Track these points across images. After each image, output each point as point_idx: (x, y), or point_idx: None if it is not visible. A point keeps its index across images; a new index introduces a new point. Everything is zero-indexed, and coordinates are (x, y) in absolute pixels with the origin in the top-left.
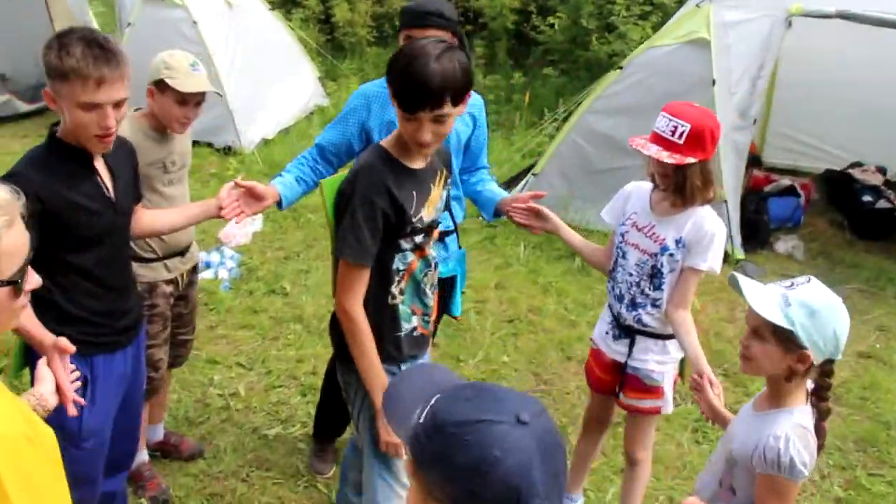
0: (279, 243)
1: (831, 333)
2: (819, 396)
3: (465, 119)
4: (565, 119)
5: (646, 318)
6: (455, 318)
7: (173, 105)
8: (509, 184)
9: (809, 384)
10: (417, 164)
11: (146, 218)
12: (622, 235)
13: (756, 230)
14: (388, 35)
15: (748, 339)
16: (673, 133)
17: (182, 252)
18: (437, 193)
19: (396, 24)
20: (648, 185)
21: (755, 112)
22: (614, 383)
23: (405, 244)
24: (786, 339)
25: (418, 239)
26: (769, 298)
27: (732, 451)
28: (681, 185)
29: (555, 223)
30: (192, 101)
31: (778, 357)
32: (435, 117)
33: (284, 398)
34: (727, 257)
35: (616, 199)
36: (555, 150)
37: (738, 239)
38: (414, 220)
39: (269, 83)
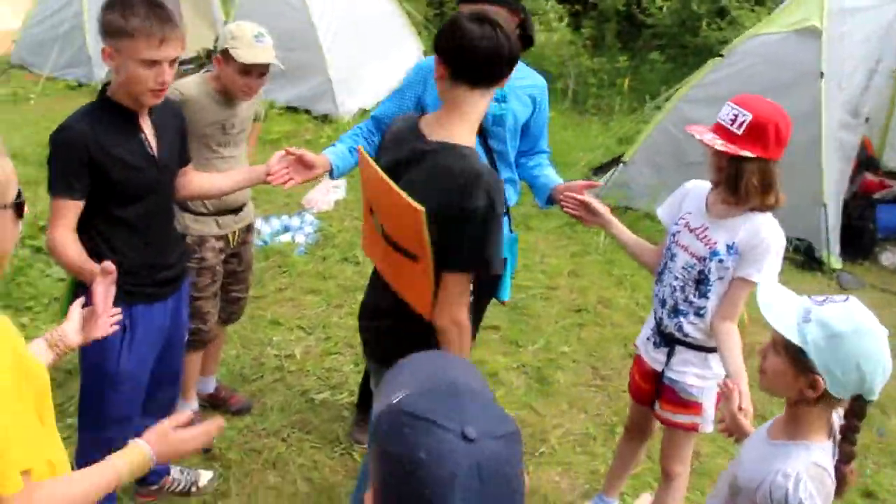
0: (359, 212)
1: (853, 366)
2: (844, 436)
3: (523, 100)
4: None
5: (687, 328)
6: (502, 302)
7: (236, 75)
8: (598, 170)
9: (838, 419)
10: None
11: (195, 181)
12: (673, 236)
13: (859, 238)
14: None
15: (766, 350)
16: (733, 122)
17: (235, 210)
18: None
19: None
20: (709, 184)
21: (868, 110)
22: (653, 393)
23: None
24: (798, 358)
25: None
26: (789, 309)
27: (738, 478)
28: (733, 180)
29: (605, 218)
30: (255, 71)
31: (790, 376)
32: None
33: (337, 365)
34: (822, 266)
35: (674, 196)
36: (646, 139)
37: (836, 246)
38: None
39: (371, 55)
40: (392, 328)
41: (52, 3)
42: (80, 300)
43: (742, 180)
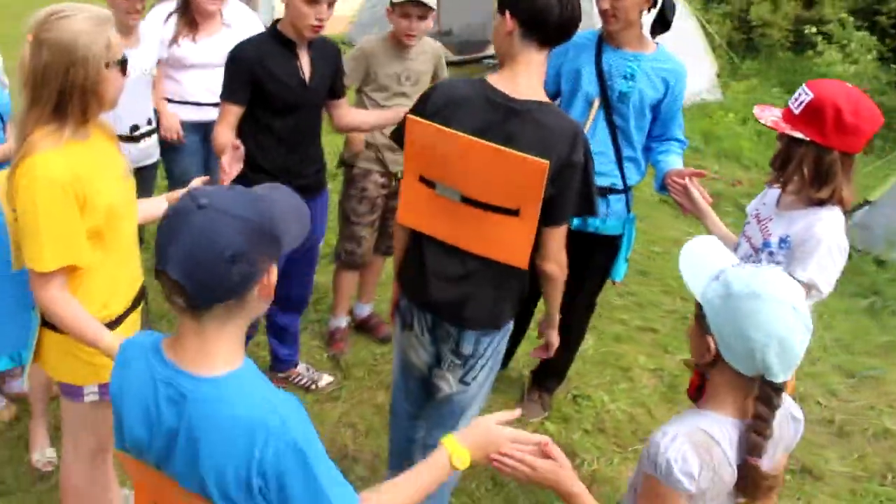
0: None
1: (740, 331)
2: (752, 424)
3: (654, 81)
4: None
5: None
6: (615, 283)
7: (397, 18)
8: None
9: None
10: None
11: (347, 114)
12: (745, 225)
13: None
14: (807, 41)
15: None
16: (795, 101)
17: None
18: None
19: (821, 30)
20: None
21: None
22: (700, 389)
23: None
24: (701, 315)
25: None
26: (710, 267)
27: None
28: (782, 161)
29: (700, 207)
30: (414, 14)
31: (696, 337)
32: None
33: None
34: None
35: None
36: None
37: None
38: None
39: None
40: (482, 288)
41: None
42: (205, 178)
43: (790, 164)
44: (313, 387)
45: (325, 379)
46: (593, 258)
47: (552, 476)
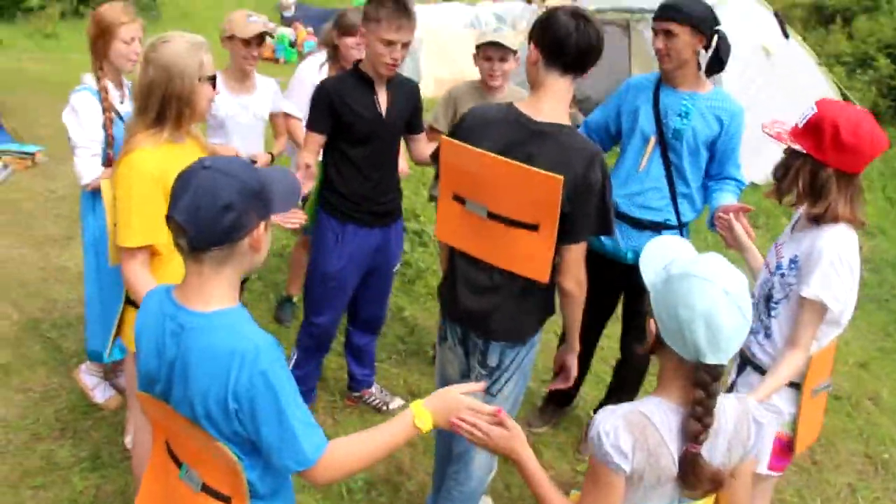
0: None
1: (673, 311)
2: (692, 409)
3: (708, 119)
4: None
5: (755, 348)
6: None
7: (482, 61)
8: None
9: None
10: None
11: (422, 148)
12: (769, 252)
13: None
14: None
15: None
16: (802, 116)
17: None
18: None
19: None
20: None
21: None
22: None
23: None
24: (649, 303)
25: None
26: (663, 259)
27: None
28: (781, 173)
29: (741, 242)
30: (496, 56)
31: (648, 324)
32: None
33: None
34: None
35: None
36: None
37: None
38: None
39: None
40: (507, 301)
41: None
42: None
43: (787, 174)
44: (384, 408)
45: (397, 402)
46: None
47: (505, 443)
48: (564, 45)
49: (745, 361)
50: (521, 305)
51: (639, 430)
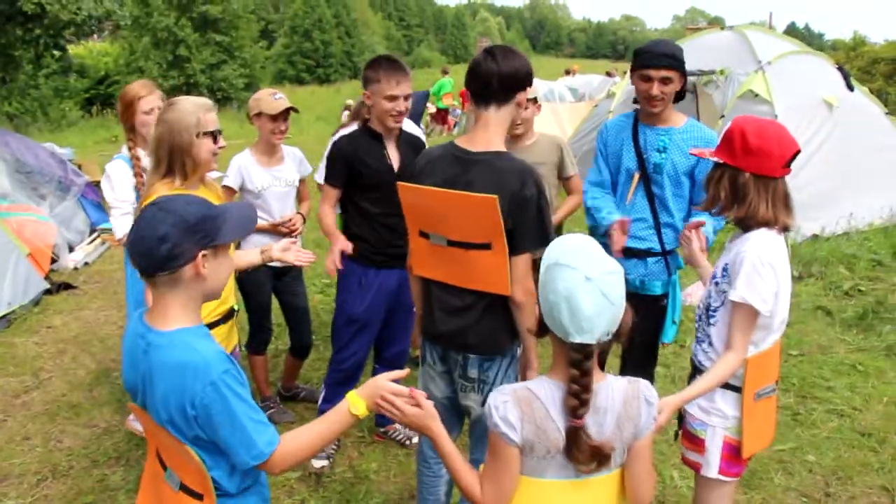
0: None
1: (546, 295)
2: (569, 386)
3: (684, 151)
4: None
5: (700, 356)
6: (664, 345)
7: None
8: None
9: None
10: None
11: None
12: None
13: None
14: None
15: None
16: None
17: None
18: None
19: None
20: None
21: None
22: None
23: None
24: None
25: None
26: (554, 251)
27: None
28: (706, 185)
29: (695, 258)
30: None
31: (536, 306)
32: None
33: None
34: None
35: None
36: None
37: None
38: None
39: (852, 184)
40: (479, 318)
41: None
42: (293, 240)
43: (710, 185)
44: (408, 443)
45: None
46: (637, 316)
47: (419, 420)
48: (472, 78)
49: (695, 369)
50: (492, 320)
51: (526, 403)
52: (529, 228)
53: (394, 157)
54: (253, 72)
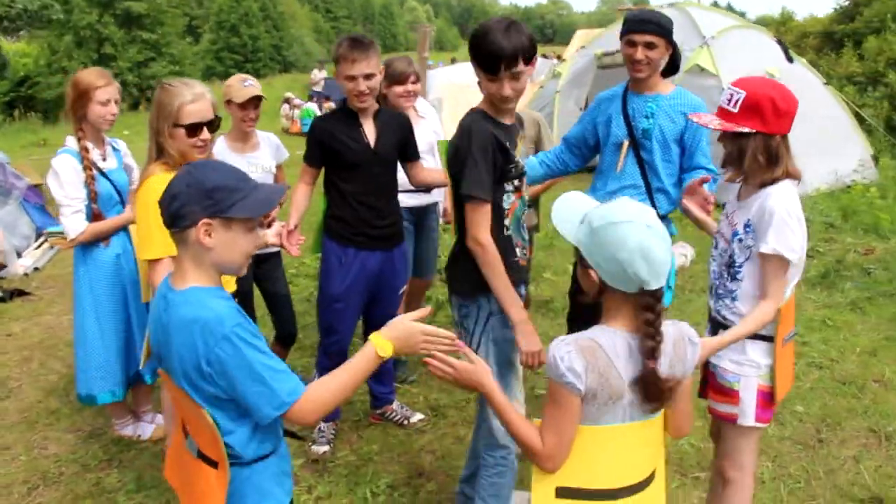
0: None
1: (611, 256)
2: (644, 329)
3: (673, 117)
4: None
5: (724, 311)
6: None
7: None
8: None
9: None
10: (507, 120)
11: (417, 173)
12: (719, 223)
13: None
14: None
15: None
16: (729, 101)
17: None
18: (520, 147)
19: None
20: None
21: None
22: (705, 382)
23: (508, 186)
24: (580, 256)
25: (517, 182)
26: (576, 215)
27: None
28: (735, 157)
29: (697, 215)
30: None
31: (583, 275)
32: (512, 75)
33: None
34: None
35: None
36: None
37: None
38: (513, 163)
39: (799, 151)
40: (456, 258)
41: None
42: (284, 224)
43: (745, 156)
44: (406, 423)
45: (417, 416)
46: None
47: (469, 375)
48: (477, 51)
49: (717, 325)
50: (466, 261)
51: (589, 353)
52: (464, 177)
53: (370, 134)
54: (183, 68)
